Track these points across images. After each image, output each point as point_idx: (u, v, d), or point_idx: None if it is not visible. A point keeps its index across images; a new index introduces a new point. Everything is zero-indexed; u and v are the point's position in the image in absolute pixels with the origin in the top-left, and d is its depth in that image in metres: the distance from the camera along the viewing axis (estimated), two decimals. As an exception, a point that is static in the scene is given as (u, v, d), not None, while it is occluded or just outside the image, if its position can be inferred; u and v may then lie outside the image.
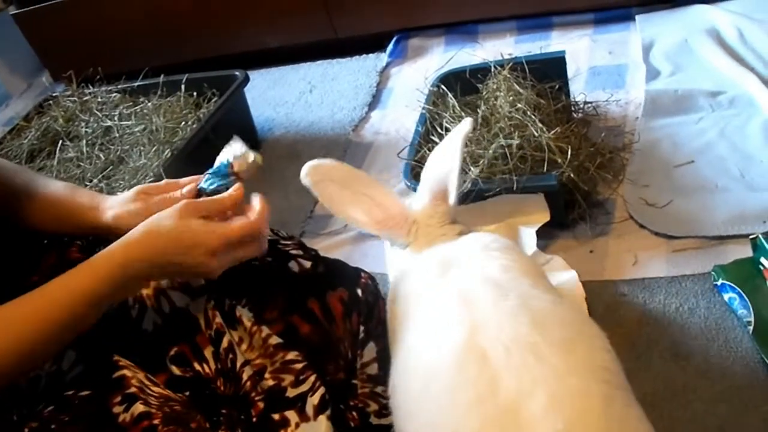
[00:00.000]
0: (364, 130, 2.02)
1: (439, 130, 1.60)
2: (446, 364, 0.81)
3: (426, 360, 0.86)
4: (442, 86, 1.69)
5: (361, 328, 1.12)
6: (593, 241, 1.48)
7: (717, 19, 1.97)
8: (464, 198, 1.44)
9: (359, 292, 1.15)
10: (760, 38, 1.86)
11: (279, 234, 1.15)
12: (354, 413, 1.06)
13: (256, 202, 0.98)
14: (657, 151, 1.63)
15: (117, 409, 0.89)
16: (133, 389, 0.92)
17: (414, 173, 1.54)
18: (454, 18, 2.24)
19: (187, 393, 0.96)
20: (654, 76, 1.86)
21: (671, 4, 2.07)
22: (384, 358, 1.18)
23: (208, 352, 0.99)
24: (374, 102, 2.13)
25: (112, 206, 1.04)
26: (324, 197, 1.06)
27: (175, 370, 0.97)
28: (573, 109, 1.73)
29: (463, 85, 1.72)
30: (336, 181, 1.06)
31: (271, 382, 0.99)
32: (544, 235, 1.47)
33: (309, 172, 1.06)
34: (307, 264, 1.10)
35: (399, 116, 2.01)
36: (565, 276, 1.40)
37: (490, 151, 1.44)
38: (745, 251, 1.30)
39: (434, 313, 0.91)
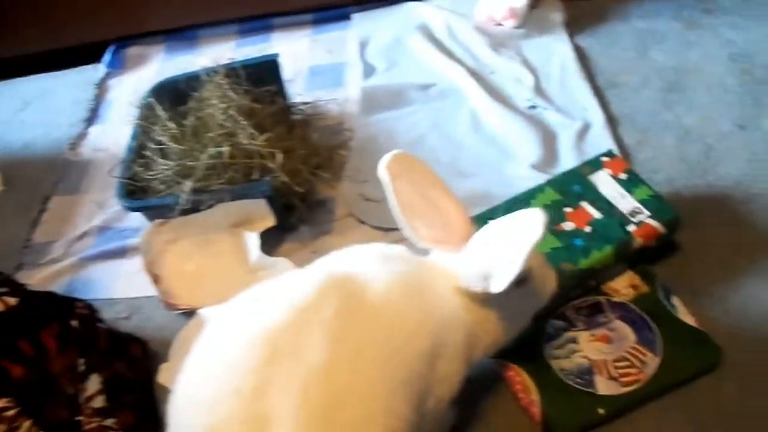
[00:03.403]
0: (83, 148, 1.90)
1: (152, 145, 1.54)
2: None
3: None
4: (151, 98, 1.63)
5: (81, 360, 1.09)
6: (315, 241, 1.49)
7: (427, 15, 2.06)
8: (182, 213, 1.42)
9: (74, 323, 1.10)
10: (467, 31, 1.97)
11: (-20, 274, 1.07)
12: (82, 451, 1.00)
13: None
14: (374, 146, 1.68)
15: None
16: None
17: (128, 191, 1.48)
18: (173, 24, 2.17)
19: None
20: (370, 73, 1.91)
21: (386, 2, 2.14)
22: (111, 389, 1.13)
23: None
24: (93, 117, 2.01)
25: None
26: (395, 195, 1.00)
27: None
28: (292, 111, 1.74)
29: (178, 94, 1.66)
30: (412, 181, 1.00)
31: (-19, 437, 0.92)
32: (270, 239, 1.47)
33: (391, 162, 0.98)
34: (13, 301, 1.03)
35: (119, 131, 1.91)
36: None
37: (202, 162, 1.41)
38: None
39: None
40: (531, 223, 0.88)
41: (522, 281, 1.03)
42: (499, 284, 0.92)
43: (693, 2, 1.96)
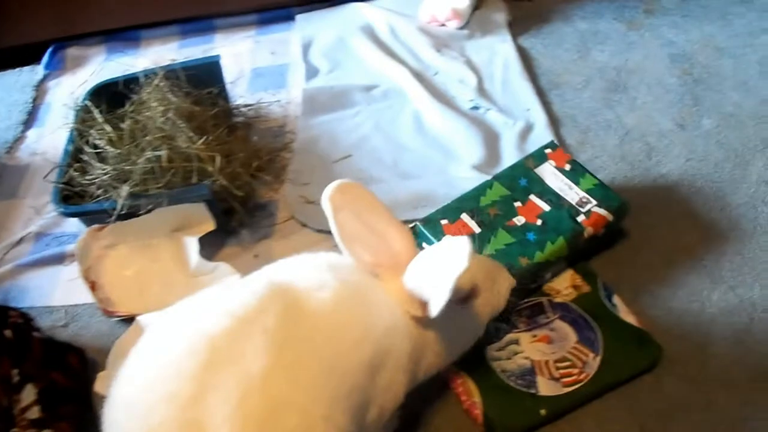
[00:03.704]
0: (20, 152, 1.85)
1: (89, 149, 1.51)
2: None
3: None
4: (87, 101, 1.59)
5: (14, 371, 1.06)
6: (257, 245, 1.47)
7: (371, 16, 2.05)
8: (120, 218, 1.39)
9: (7, 333, 1.07)
10: (410, 32, 1.96)
11: None
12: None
13: None
14: (316, 148, 1.67)
15: None
16: None
17: (64, 196, 1.45)
18: (114, 24, 2.12)
19: None
20: (313, 74, 1.90)
21: (329, 3, 2.12)
22: (47, 399, 1.11)
23: None
24: (31, 120, 1.96)
25: None
26: (338, 227, 0.98)
27: None
28: (234, 113, 1.72)
29: (117, 97, 1.62)
30: (356, 211, 0.98)
31: None
32: (210, 244, 1.45)
33: (333, 194, 0.97)
34: (-56, 311, 1.01)
35: (58, 134, 1.87)
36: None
37: (139, 166, 1.38)
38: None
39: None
40: (457, 252, 0.88)
41: (468, 297, 1.03)
42: (433, 310, 0.92)
43: (634, 3, 1.99)
